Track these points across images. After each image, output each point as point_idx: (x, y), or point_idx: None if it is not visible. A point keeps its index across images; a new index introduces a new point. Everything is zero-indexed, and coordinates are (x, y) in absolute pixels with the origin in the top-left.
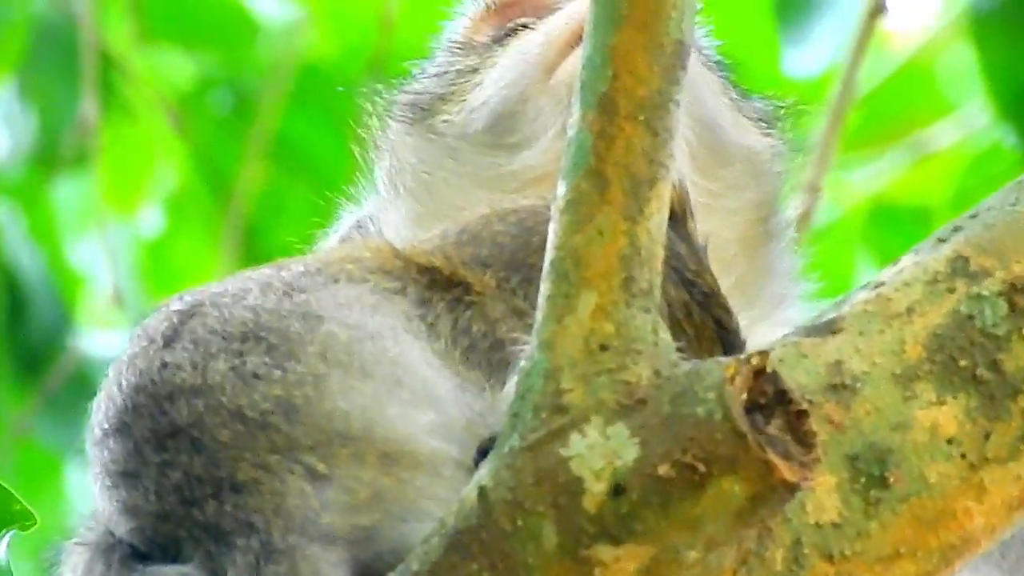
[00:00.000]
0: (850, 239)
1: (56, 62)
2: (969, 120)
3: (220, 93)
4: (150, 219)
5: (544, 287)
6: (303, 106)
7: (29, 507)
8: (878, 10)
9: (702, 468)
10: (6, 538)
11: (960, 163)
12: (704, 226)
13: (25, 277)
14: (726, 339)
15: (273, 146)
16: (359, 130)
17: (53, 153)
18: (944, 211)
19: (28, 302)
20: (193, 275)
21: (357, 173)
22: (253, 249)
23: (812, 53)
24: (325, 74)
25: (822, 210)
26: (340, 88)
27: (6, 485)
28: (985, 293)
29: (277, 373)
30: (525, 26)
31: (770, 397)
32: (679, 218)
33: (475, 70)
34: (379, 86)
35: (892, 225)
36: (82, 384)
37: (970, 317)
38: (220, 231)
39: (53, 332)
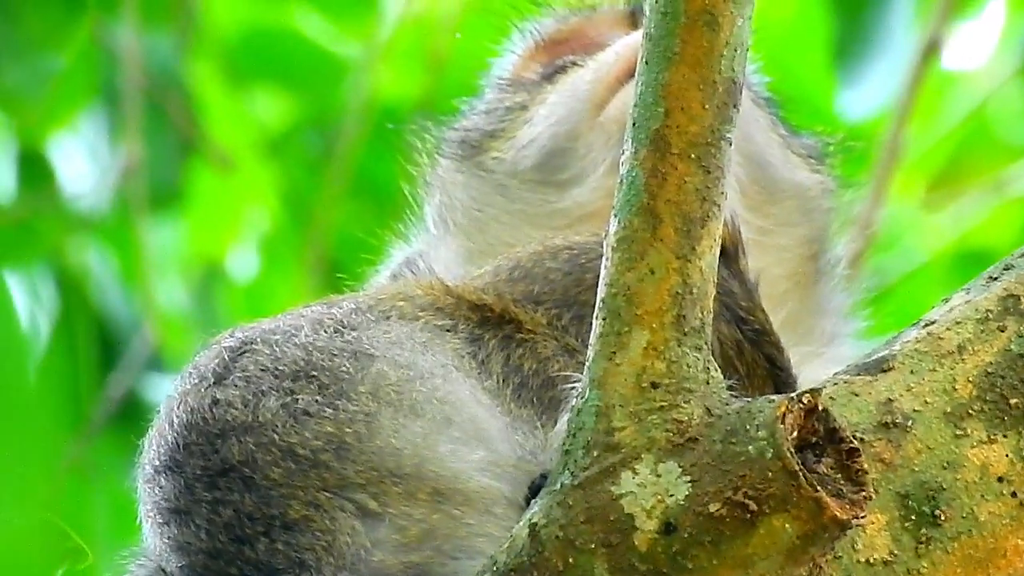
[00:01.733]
0: (935, 283)
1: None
2: None
3: (309, 135)
4: (244, 262)
5: (596, 325)
6: (382, 145)
7: (83, 544)
8: (932, 49)
9: (753, 506)
10: None
11: None
12: (755, 263)
13: (115, 319)
14: (778, 377)
15: (355, 184)
16: (409, 167)
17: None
18: None
19: (118, 345)
20: None
21: (407, 210)
22: (336, 286)
23: (869, 94)
24: (400, 113)
25: (907, 254)
26: (391, 126)
27: (61, 523)
28: None
29: (328, 411)
30: (575, 63)
31: (821, 435)
32: (731, 256)
33: (525, 107)
34: (428, 123)
35: (975, 269)
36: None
37: (1021, 355)
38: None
39: (144, 374)
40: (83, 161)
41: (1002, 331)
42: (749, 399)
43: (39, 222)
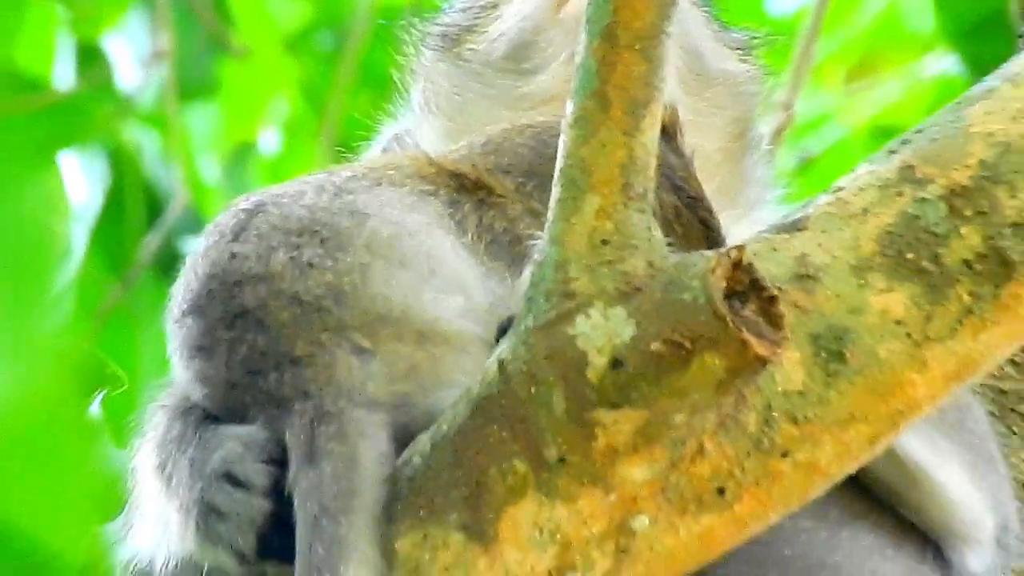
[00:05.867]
0: (854, 156)
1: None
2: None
3: (323, 33)
4: (270, 141)
5: (555, 191)
6: (384, 41)
7: (119, 371)
8: None
9: (688, 345)
10: (98, 397)
11: (941, 89)
12: (691, 140)
13: (160, 189)
14: (709, 236)
15: (363, 76)
16: (400, 58)
17: (184, 82)
18: None
19: (162, 210)
20: None
21: (397, 94)
22: (345, 162)
23: None
24: (399, 11)
25: (830, 132)
26: (384, 22)
27: (100, 353)
28: (928, 197)
29: (328, 263)
30: None
31: (746, 285)
32: (670, 133)
33: (495, 5)
34: (416, 20)
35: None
36: None
37: (916, 217)
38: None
39: (187, 237)
40: (131, 54)
41: (900, 196)
42: (685, 254)
43: (95, 107)
